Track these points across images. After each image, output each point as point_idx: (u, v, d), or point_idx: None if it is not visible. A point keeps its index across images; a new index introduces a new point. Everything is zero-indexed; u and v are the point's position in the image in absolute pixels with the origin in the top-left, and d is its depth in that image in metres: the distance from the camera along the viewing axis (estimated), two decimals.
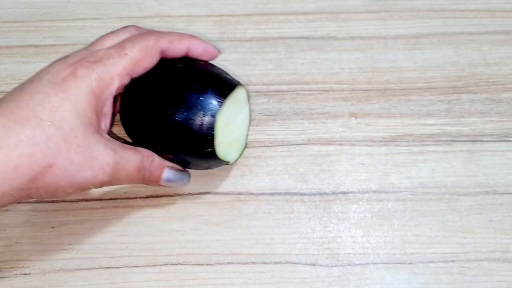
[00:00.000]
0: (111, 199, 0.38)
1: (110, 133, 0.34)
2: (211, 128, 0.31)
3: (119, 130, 0.36)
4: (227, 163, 0.34)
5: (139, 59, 0.31)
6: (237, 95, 0.34)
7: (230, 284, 0.36)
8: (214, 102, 0.32)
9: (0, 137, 0.25)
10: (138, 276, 0.36)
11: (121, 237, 0.37)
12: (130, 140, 0.34)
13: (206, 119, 0.31)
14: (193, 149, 0.32)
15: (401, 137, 0.40)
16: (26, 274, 0.36)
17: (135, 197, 0.38)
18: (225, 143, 0.33)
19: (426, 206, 0.38)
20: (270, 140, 0.40)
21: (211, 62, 0.36)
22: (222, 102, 0.32)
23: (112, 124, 0.34)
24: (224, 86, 0.33)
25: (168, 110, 0.31)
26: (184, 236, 0.37)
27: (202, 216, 0.37)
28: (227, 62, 0.42)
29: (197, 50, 0.34)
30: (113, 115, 0.34)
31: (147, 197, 0.38)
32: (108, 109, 0.31)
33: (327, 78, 0.41)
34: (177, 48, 0.33)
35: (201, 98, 0.31)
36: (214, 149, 0.32)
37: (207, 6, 0.43)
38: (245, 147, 0.38)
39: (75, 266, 0.36)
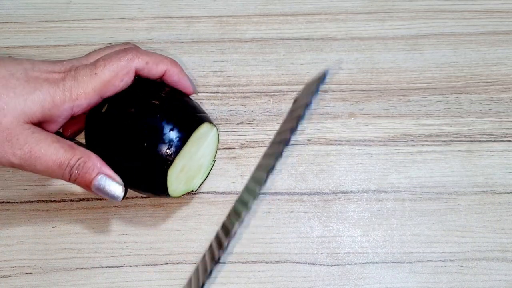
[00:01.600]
0: None
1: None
2: (164, 177, 0.31)
3: None
4: (191, 191, 0.34)
5: (108, 79, 0.31)
6: (196, 137, 0.32)
7: (230, 283, 0.36)
8: (165, 154, 0.31)
9: None
10: (139, 275, 0.36)
11: (122, 237, 0.37)
12: None
13: (158, 168, 0.31)
14: (145, 187, 0.32)
15: (400, 137, 0.40)
16: (27, 273, 0.36)
17: (136, 197, 0.38)
18: (182, 183, 0.33)
19: (425, 206, 0.38)
20: (270, 140, 0.40)
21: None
22: (173, 159, 0.31)
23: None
24: (188, 127, 0.32)
25: (126, 145, 0.31)
26: (184, 236, 0.37)
27: (202, 216, 0.38)
28: (227, 63, 0.42)
29: (172, 78, 0.34)
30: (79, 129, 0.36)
31: (148, 197, 0.38)
32: (62, 120, 0.31)
33: (327, 78, 0.41)
34: (152, 70, 0.33)
35: (154, 146, 0.31)
36: (167, 193, 0.32)
37: (207, 7, 0.44)
38: (213, 164, 0.37)
39: (76, 265, 0.36)
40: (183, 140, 0.31)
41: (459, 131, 0.40)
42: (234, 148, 0.39)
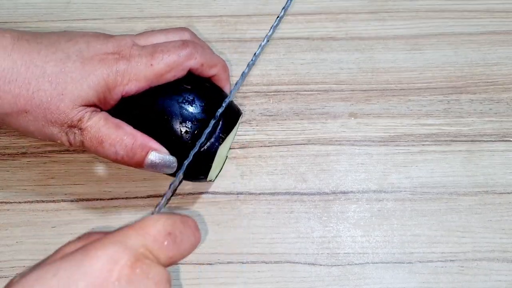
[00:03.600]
0: (111, 198, 0.38)
1: None
2: (210, 159, 0.32)
3: None
4: (209, 181, 0.35)
5: (163, 72, 0.31)
6: (236, 127, 0.34)
7: (230, 283, 0.36)
8: (218, 137, 0.32)
9: (12, 69, 0.29)
10: None
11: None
12: None
13: (206, 148, 0.32)
14: (185, 171, 0.32)
15: (400, 137, 0.40)
16: None
17: (136, 197, 0.38)
18: (214, 169, 0.34)
19: (426, 206, 0.38)
20: (270, 140, 0.40)
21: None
22: (224, 138, 0.33)
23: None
24: (231, 120, 0.34)
25: (176, 127, 0.31)
26: None
27: (202, 216, 0.37)
28: (227, 63, 0.42)
29: (217, 82, 0.34)
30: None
31: (148, 196, 0.38)
32: (113, 102, 0.32)
33: (327, 78, 0.41)
34: (204, 72, 0.33)
35: (206, 128, 0.31)
36: (206, 176, 0.33)
37: (207, 7, 0.44)
38: (226, 159, 0.38)
39: None
40: (231, 125, 0.33)
41: (459, 131, 0.40)
42: (234, 148, 0.39)
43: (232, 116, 0.34)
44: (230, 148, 0.39)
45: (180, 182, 0.32)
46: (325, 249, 0.37)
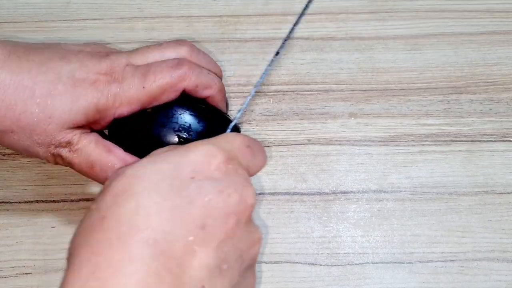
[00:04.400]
0: None
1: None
2: None
3: None
4: None
5: (155, 95, 0.31)
6: None
7: None
8: None
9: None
10: None
11: None
12: None
13: None
14: None
15: (400, 137, 0.40)
16: (27, 273, 0.36)
17: None
18: None
19: (426, 206, 0.38)
20: (270, 140, 0.40)
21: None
22: None
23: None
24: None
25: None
26: None
27: None
28: (227, 63, 0.42)
29: (213, 102, 0.34)
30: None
31: None
32: (104, 123, 0.31)
33: (327, 78, 0.41)
34: (199, 93, 0.32)
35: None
36: None
37: (207, 7, 0.44)
38: None
39: None
40: None
41: (459, 131, 0.40)
42: None
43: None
44: None
45: None
46: (325, 249, 0.37)
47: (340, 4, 0.44)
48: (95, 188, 0.38)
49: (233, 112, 0.40)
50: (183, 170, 0.24)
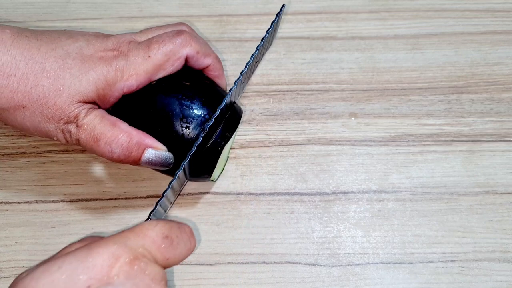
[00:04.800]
0: (111, 199, 0.38)
1: None
2: (215, 157, 0.32)
3: None
4: (211, 180, 0.35)
5: (161, 63, 0.31)
6: (239, 126, 0.35)
7: (230, 284, 0.36)
8: (223, 135, 0.32)
9: (11, 64, 0.29)
10: None
11: None
12: None
13: (211, 146, 0.32)
14: (189, 168, 0.32)
15: (401, 137, 0.40)
16: None
17: (135, 197, 0.38)
18: (217, 168, 0.34)
19: (426, 206, 0.38)
20: (270, 140, 0.40)
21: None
22: (229, 137, 0.33)
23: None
24: (234, 120, 0.34)
25: (177, 124, 0.31)
26: None
27: (202, 216, 0.37)
28: (227, 62, 0.42)
29: (213, 73, 0.35)
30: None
31: (147, 197, 0.38)
32: (113, 99, 0.32)
33: (327, 78, 0.41)
34: (199, 61, 0.33)
35: (211, 129, 0.31)
36: (210, 175, 0.33)
37: (207, 6, 0.43)
38: (227, 160, 0.39)
39: None
40: (235, 123, 0.33)
41: (460, 131, 0.40)
42: (234, 148, 0.39)
43: (236, 114, 0.34)
44: (231, 149, 0.39)
45: (185, 183, 0.32)
46: (325, 250, 0.37)
47: (341, 4, 0.44)
48: (94, 188, 0.38)
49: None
50: (79, 279, 0.22)
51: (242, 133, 0.40)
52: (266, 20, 0.43)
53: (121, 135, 0.30)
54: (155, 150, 0.31)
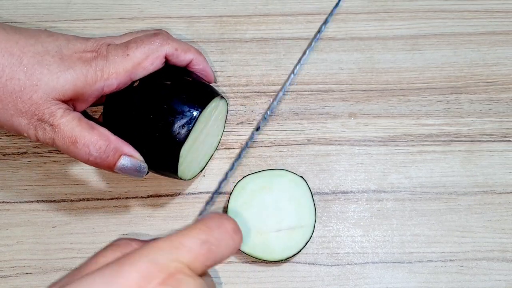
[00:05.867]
0: (112, 198, 0.38)
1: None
2: (175, 150, 0.32)
3: None
4: (179, 178, 0.34)
5: (140, 61, 0.32)
6: (213, 108, 0.34)
7: (230, 283, 0.36)
8: (192, 112, 0.32)
9: None
10: None
11: (122, 237, 0.37)
12: None
13: (172, 137, 0.31)
14: (159, 165, 0.32)
15: (400, 137, 0.40)
16: (27, 273, 0.36)
17: (136, 197, 0.38)
18: (185, 164, 0.33)
19: (425, 206, 0.38)
20: (270, 140, 0.40)
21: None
22: (192, 125, 0.31)
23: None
24: (199, 104, 0.32)
25: (158, 123, 0.31)
26: None
27: (202, 216, 0.37)
28: (227, 63, 0.42)
29: (197, 66, 0.35)
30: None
31: (148, 196, 0.38)
32: (92, 99, 0.32)
33: (327, 78, 0.41)
34: (180, 57, 0.33)
35: (181, 107, 0.31)
36: (175, 171, 0.33)
37: (207, 7, 0.44)
38: (202, 170, 0.38)
39: (76, 265, 0.36)
40: (195, 118, 0.32)
41: (459, 131, 0.40)
42: (234, 148, 0.39)
43: (200, 99, 0.32)
44: (217, 149, 0.39)
45: (147, 173, 0.32)
46: (325, 249, 0.37)
47: (340, 4, 0.44)
48: (95, 188, 0.38)
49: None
50: None
51: (242, 133, 0.40)
52: (266, 21, 0.43)
53: (100, 139, 0.30)
54: (131, 158, 0.31)
